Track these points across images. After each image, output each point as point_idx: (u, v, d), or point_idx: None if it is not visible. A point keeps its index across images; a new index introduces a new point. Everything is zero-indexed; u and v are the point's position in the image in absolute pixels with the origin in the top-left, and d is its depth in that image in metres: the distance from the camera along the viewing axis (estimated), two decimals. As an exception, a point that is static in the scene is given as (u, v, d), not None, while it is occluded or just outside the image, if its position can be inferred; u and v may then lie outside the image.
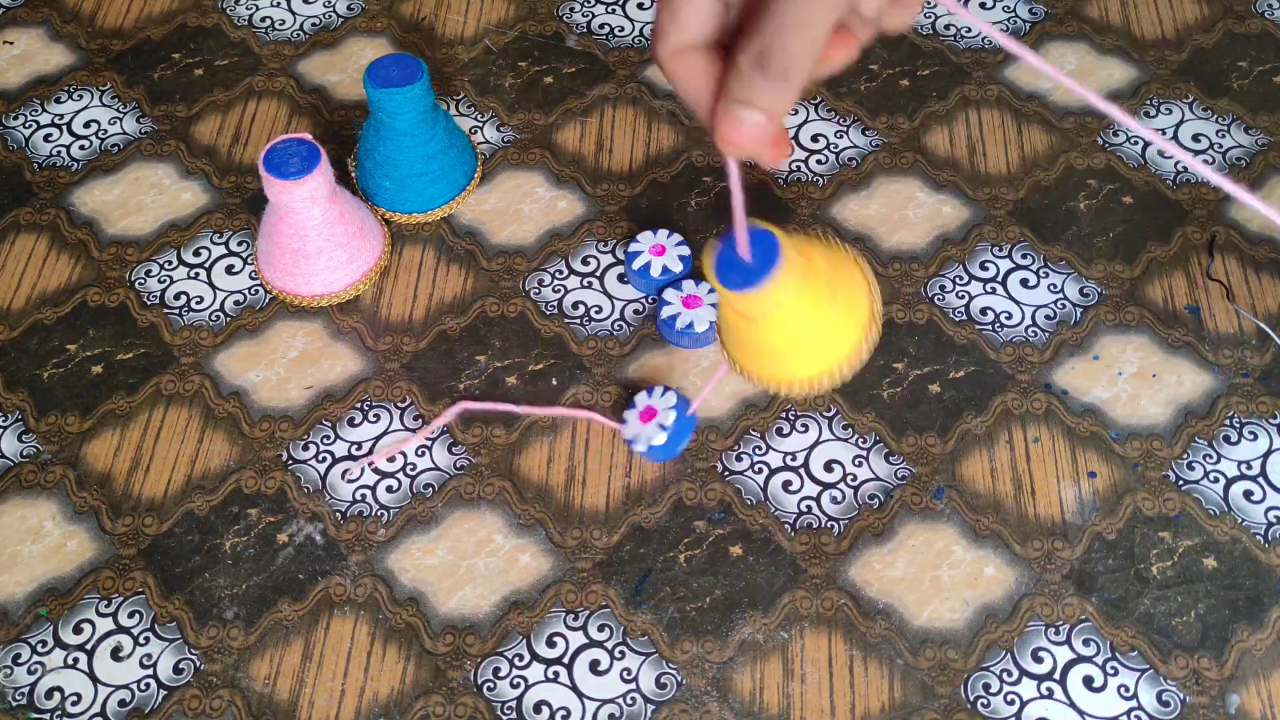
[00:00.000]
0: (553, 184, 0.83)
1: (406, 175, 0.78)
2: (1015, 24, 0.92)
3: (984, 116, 0.86)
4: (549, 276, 0.78)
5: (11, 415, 0.72)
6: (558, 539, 0.67)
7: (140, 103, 0.88)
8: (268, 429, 0.71)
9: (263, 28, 0.93)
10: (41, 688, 0.62)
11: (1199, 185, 0.83)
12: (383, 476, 0.70)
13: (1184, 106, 0.87)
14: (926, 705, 0.62)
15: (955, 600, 0.65)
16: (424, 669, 0.63)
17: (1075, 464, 0.70)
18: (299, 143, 0.71)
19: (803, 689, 0.62)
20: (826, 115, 0.86)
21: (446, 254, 0.79)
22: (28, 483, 0.69)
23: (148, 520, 0.68)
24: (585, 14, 0.93)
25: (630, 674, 0.63)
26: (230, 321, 0.76)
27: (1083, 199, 0.82)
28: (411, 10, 0.94)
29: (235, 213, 0.81)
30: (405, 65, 0.74)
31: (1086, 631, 0.64)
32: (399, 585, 0.66)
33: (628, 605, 0.65)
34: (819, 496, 0.69)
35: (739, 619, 0.65)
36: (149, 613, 0.65)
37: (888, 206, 0.81)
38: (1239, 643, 0.64)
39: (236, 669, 0.63)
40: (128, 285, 0.78)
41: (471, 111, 0.87)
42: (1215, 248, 0.79)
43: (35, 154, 0.85)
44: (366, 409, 0.72)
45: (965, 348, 0.75)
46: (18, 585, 0.66)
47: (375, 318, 0.76)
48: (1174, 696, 0.62)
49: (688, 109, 0.36)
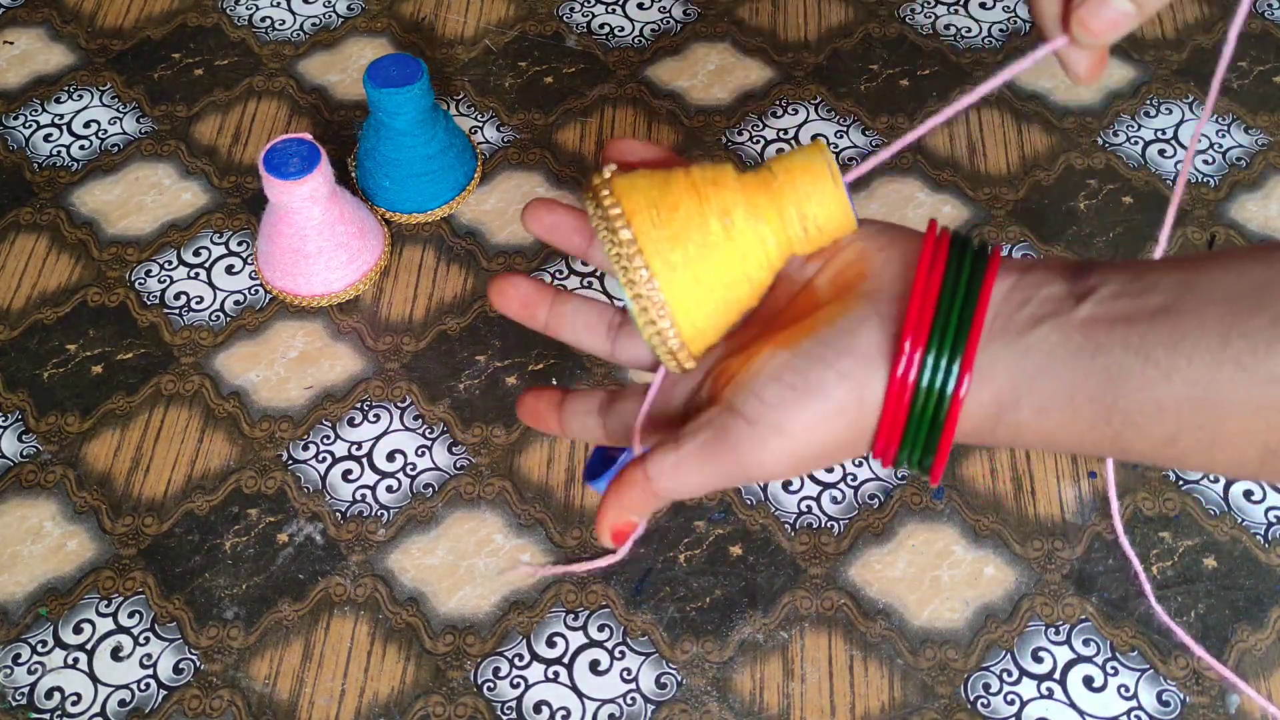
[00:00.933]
0: (553, 184, 0.83)
1: (406, 175, 0.78)
2: (1015, 24, 0.92)
3: (984, 116, 0.86)
4: (549, 276, 0.78)
5: (11, 415, 0.72)
6: (558, 539, 0.67)
7: (140, 103, 0.88)
8: (268, 429, 0.71)
9: (263, 28, 0.93)
10: (41, 688, 0.62)
11: (1199, 185, 0.83)
12: (383, 476, 0.70)
13: (1184, 106, 0.87)
14: (926, 705, 0.62)
15: (955, 600, 0.65)
16: (424, 669, 0.63)
17: (1075, 464, 0.70)
18: (299, 143, 0.71)
19: (803, 689, 0.62)
20: (826, 115, 0.86)
21: (446, 254, 0.79)
22: (28, 483, 0.69)
23: (148, 520, 0.68)
24: (585, 14, 0.93)
25: (630, 674, 0.63)
26: (230, 321, 0.76)
27: (1083, 199, 0.82)
28: (411, 10, 0.94)
29: (235, 213, 0.81)
30: (405, 65, 0.74)
31: (1086, 631, 0.64)
32: (399, 585, 0.66)
33: (628, 605, 0.65)
34: (819, 496, 0.69)
35: (739, 619, 0.65)
36: (149, 613, 0.65)
37: (888, 206, 0.81)
38: (1239, 643, 0.64)
39: (236, 669, 0.63)
40: (128, 285, 0.78)
41: (471, 111, 0.87)
42: (1215, 247, 0.79)
43: (35, 154, 0.85)
44: (366, 409, 0.72)
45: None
46: (18, 585, 0.66)
47: (375, 318, 0.76)
48: (1174, 696, 0.62)
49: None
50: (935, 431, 0.33)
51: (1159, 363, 0.30)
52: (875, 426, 0.34)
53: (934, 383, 0.32)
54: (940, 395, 0.32)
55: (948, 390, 0.32)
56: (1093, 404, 0.31)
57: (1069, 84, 0.88)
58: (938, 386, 0.32)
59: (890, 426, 0.33)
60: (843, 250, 0.36)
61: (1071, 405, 0.31)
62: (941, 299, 0.32)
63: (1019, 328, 0.32)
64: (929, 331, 0.32)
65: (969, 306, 0.32)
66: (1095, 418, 0.31)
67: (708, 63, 0.90)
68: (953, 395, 0.32)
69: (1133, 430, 0.31)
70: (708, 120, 0.86)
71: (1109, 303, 0.31)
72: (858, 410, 0.33)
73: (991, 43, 0.91)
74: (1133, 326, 0.30)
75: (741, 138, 0.85)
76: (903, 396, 0.33)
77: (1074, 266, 0.33)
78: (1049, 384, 0.31)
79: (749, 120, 0.86)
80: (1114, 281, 0.32)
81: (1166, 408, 0.30)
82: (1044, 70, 0.89)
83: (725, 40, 0.91)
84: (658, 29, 0.92)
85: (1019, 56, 0.91)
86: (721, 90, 0.88)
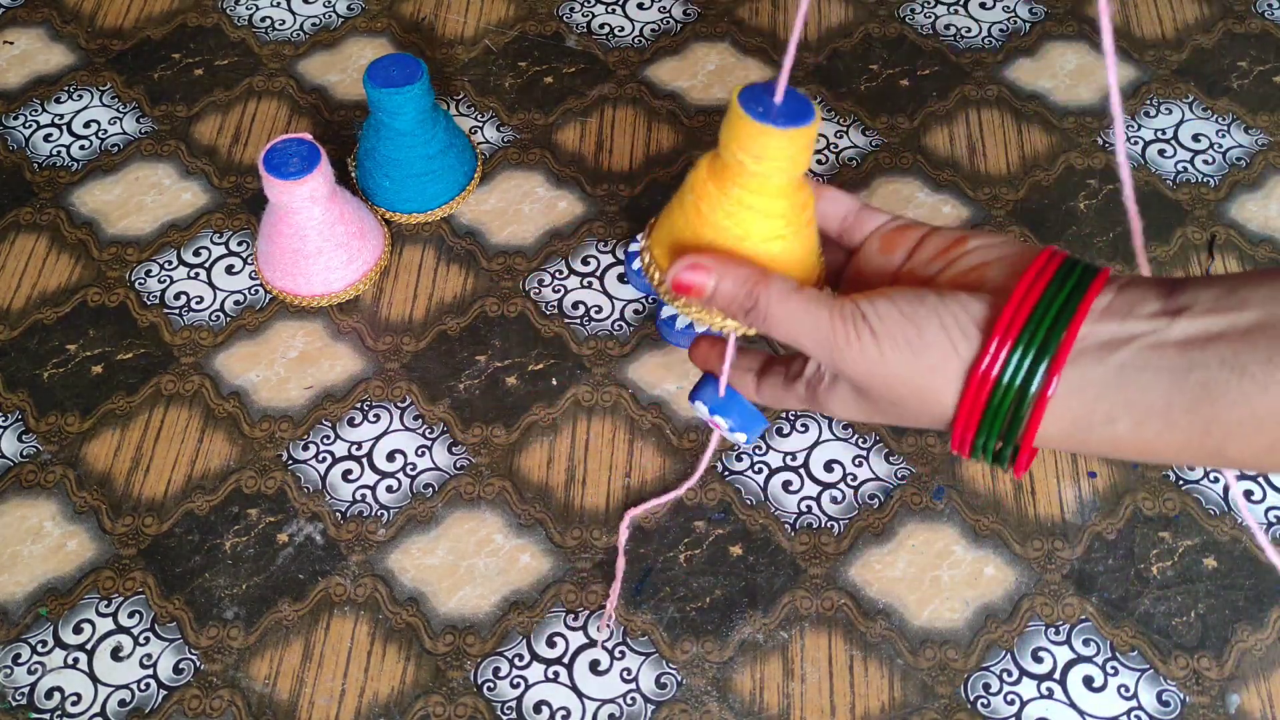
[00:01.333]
0: (553, 184, 0.83)
1: (406, 175, 0.78)
2: (1015, 24, 0.92)
3: (984, 116, 0.86)
4: (549, 276, 0.78)
5: (11, 415, 0.72)
6: (558, 539, 0.67)
7: (140, 103, 0.88)
8: (268, 429, 0.71)
9: (263, 28, 0.93)
10: (41, 688, 0.62)
11: (1199, 185, 0.83)
12: (383, 476, 0.70)
13: (1184, 106, 0.87)
14: (926, 705, 0.62)
15: (955, 600, 0.65)
16: (424, 669, 0.63)
17: (1075, 464, 0.70)
18: (299, 143, 0.71)
19: (803, 689, 0.62)
20: (827, 115, 0.86)
21: (446, 254, 0.79)
22: (28, 483, 0.69)
23: (148, 520, 0.68)
24: (585, 14, 0.93)
25: (630, 674, 0.63)
26: (230, 321, 0.76)
27: (1083, 199, 0.82)
28: (411, 10, 0.94)
29: (235, 213, 0.81)
30: (405, 65, 0.74)
31: (1086, 631, 0.64)
32: (399, 585, 0.66)
33: (628, 605, 0.65)
34: (819, 496, 0.69)
35: (739, 619, 0.65)
36: (149, 613, 0.65)
37: (888, 206, 0.81)
38: (1239, 643, 0.64)
39: (236, 669, 0.63)
40: (128, 285, 0.78)
41: (471, 111, 0.87)
42: (1215, 247, 0.79)
43: (35, 154, 0.85)
44: (366, 409, 0.72)
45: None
46: (18, 585, 0.66)
47: (375, 318, 0.76)
48: (1174, 696, 0.62)
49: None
50: (1016, 427, 0.35)
51: (1255, 376, 0.31)
52: (956, 405, 0.36)
53: (1016, 380, 0.34)
54: (1023, 394, 0.34)
55: (1031, 389, 0.34)
56: (1190, 417, 0.32)
57: (1069, 84, 0.88)
58: (1019, 384, 0.34)
59: (969, 413, 0.35)
60: (966, 254, 0.38)
61: (1168, 419, 0.33)
62: (1040, 304, 0.34)
63: (1114, 344, 0.34)
64: (1019, 332, 0.34)
65: (1066, 313, 0.34)
66: (1194, 430, 0.33)
67: (708, 63, 0.90)
68: (1038, 394, 0.34)
69: (1234, 441, 0.32)
70: (708, 120, 0.86)
71: (1203, 319, 0.33)
72: (943, 365, 0.36)
73: (991, 43, 0.91)
74: (1228, 343, 0.32)
75: (741, 138, 0.85)
76: (983, 388, 0.35)
77: (1168, 284, 0.34)
78: (1145, 399, 0.33)
79: (749, 120, 0.86)
80: (1206, 299, 0.33)
81: (1265, 419, 0.31)
82: (1044, 70, 0.89)
83: (725, 40, 0.91)
84: (658, 29, 0.92)
85: (1020, 56, 0.91)
86: (721, 90, 0.88)
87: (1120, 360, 0.33)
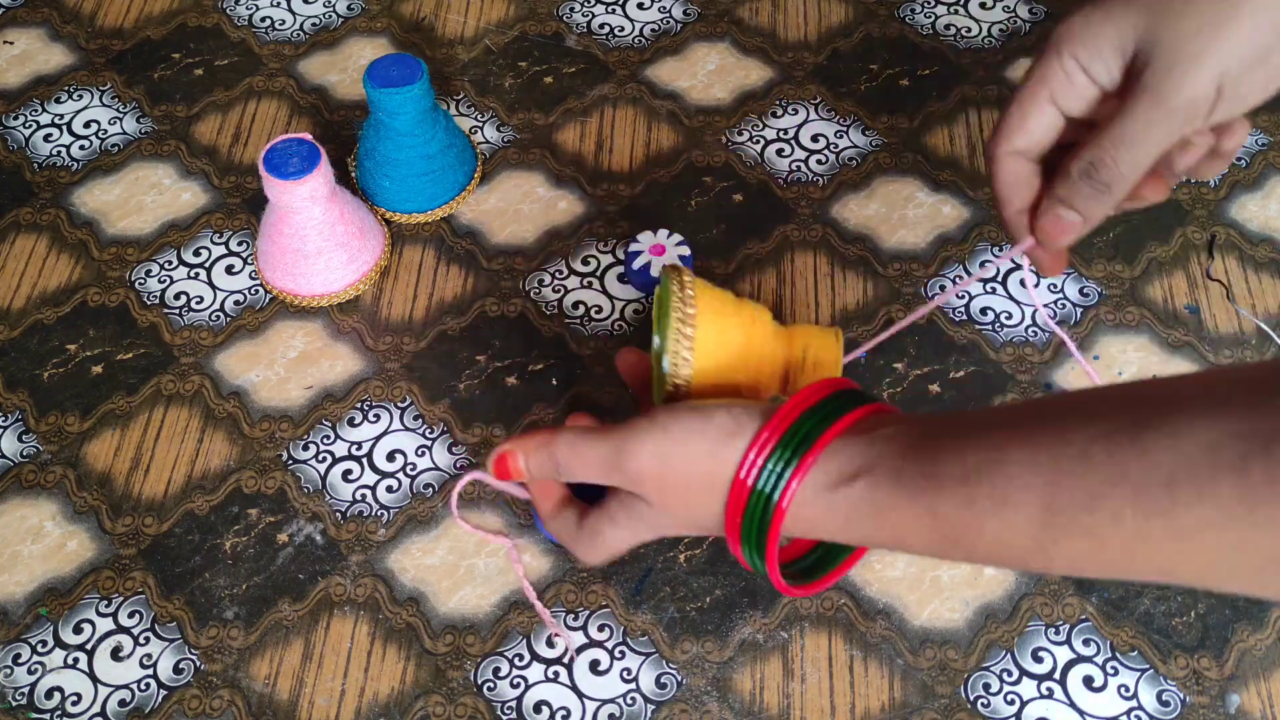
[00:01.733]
0: (553, 184, 0.83)
1: (406, 175, 0.78)
2: (1015, 24, 0.92)
3: (984, 116, 0.86)
4: (549, 276, 0.78)
5: (11, 415, 0.72)
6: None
7: (140, 103, 0.88)
8: (268, 429, 0.71)
9: (263, 28, 0.93)
10: (41, 688, 0.62)
11: (1199, 185, 0.83)
12: (383, 476, 0.70)
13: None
14: (926, 705, 0.62)
15: (955, 600, 0.65)
16: (424, 669, 0.63)
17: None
18: (299, 143, 0.71)
19: (803, 689, 0.62)
20: (826, 115, 0.86)
21: (446, 254, 0.79)
22: (28, 483, 0.69)
23: (148, 520, 0.68)
24: (585, 14, 0.93)
25: (630, 674, 0.63)
26: (230, 321, 0.76)
27: (1083, 199, 0.82)
28: (411, 10, 0.94)
29: (235, 213, 0.81)
30: (405, 65, 0.74)
31: (1086, 631, 0.64)
32: (399, 585, 0.66)
33: (628, 605, 0.65)
34: (819, 496, 0.69)
35: (739, 619, 0.65)
36: (149, 613, 0.65)
37: (888, 206, 0.81)
38: (1239, 643, 0.64)
39: (236, 669, 0.63)
40: (128, 285, 0.78)
41: (471, 111, 0.87)
42: (1215, 247, 0.79)
43: (35, 154, 0.85)
44: (366, 409, 0.72)
45: (965, 348, 0.75)
46: (18, 585, 0.66)
47: (375, 318, 0.76)
48: (1174, 696, 0.62)
49: (996, 201, 0.47)
50: (764, 533, 0.41)
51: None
52: (725, 499, 0.42)
53: (766, 486, 0.41)
54: (768, 501, 0.40)
55: (774, 498, 0.40)
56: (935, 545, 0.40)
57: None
58: (768, 491, 0.40)
59: (733, 510, 0.42)
60: None
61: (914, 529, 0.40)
62: (796, 426, 0.40)
63: (837, 480, 0.40)
64: (773, 447, 0.40)
65: (811, 439, 0.40)
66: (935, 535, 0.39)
67: (708, 63, 0.90)
68: (777, 503, 0.40)
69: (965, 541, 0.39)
70: (708, 120, 0.86)
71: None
72: (723, 452, 0.41)
73: (991, 43, 0.91)
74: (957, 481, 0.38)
75: (741, 138, 0.85)
76: (741, 493, 0.41)
77: (913, 443, 0.40)
78: (877, 536, 0.40)
79: (749, 120, 0.86)
80: (946, 460, 0.39)
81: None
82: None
83: (725, 40, 0.91)
84: (658, 29, 0.92)
85: (1020, 56, 0.91)
86: (721, 90, 0.88)
87: (839, 497, 0.40)
